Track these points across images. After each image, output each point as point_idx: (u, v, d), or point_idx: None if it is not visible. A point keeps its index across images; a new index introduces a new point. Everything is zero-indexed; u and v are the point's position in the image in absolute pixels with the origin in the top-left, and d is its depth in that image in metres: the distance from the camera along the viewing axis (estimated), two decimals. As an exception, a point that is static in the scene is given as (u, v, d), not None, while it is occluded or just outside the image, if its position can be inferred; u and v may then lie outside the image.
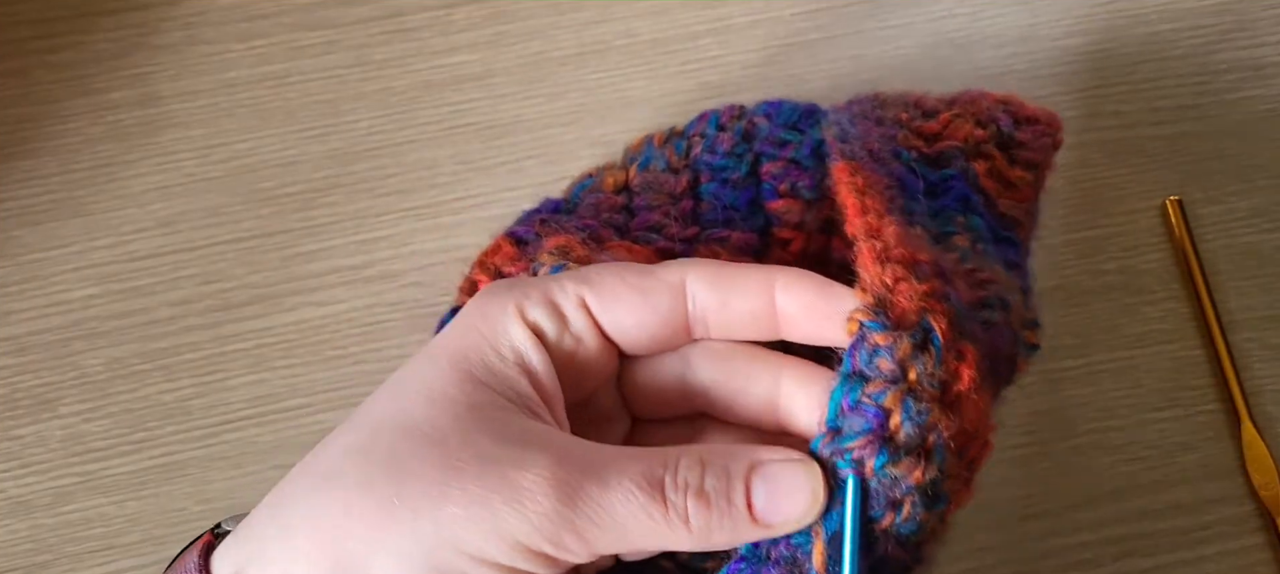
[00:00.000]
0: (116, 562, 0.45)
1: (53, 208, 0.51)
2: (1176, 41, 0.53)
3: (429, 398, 0.34)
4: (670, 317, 0.36)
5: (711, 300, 0.36)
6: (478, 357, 0.35)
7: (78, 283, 0.49)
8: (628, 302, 0.36)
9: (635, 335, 0.36)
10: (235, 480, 0.46)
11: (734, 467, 0.33)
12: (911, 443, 0.33)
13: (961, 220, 0.41)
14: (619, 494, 0.32)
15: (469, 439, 0.33)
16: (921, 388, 0.33)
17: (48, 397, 0.48)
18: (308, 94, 0.53)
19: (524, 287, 0.36)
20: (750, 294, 0.36)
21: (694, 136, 0.47)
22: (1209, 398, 0.47)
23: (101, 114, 0.53)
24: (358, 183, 0.51)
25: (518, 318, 0.35)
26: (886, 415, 0.33)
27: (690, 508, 0.33)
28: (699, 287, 0.36)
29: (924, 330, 0.34)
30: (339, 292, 0.49)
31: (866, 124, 0.42)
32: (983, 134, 0.43)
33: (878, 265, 0.35)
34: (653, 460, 0.33)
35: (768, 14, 0.55)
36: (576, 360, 0.36)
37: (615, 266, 0.37)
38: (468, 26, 0.54)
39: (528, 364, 0.35)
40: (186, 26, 0.55)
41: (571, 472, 0.32)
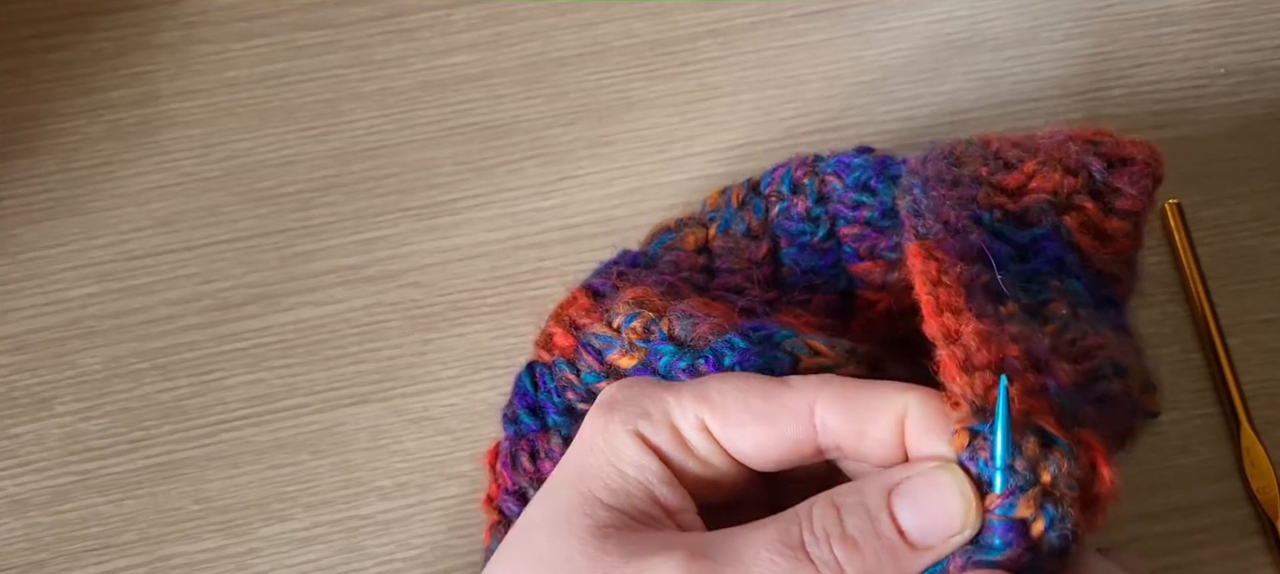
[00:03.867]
0: (113, 561, 0.45)
1: (51, 206, 0.51)
2: (1176, 45, 0.53)
3: (553, 530, 0.33)
4: (797, 444, 0.34)
5: (845, 430, 0.34)
6: (599, 479, 0.34)
7: (76, 281, 0.49)
8: (750, 430, 0.34)
9: (759, 460, 0.35)
10: (233, 480, 0.46)
11: (871, 497, 0.32)
12: (1056, 550, 0.31)
13: (1057, 285, 0.38)
14: (761, 570, 0.31)
15: (599, 561, 0.32)
16: (1058, 487, 0.31)
17: (45, 395, 0.47)
18: (307, 94, 0.53)
19: (642, 404, 0.35)
20: (884, 423, 0.33)
21: (770, 195, 0.46)
22: (1207, 401, 0.47)
23: (100, 113, 0.53)
24: (356, 183, 0.51)
25: (638, 441, 0.34)
26: (1024, 526, 0.31)
27: (840, 557, 0.31)
28: (831, 415, 0.34)
29: (1036, 432, 0.31)
30: (337, 291, 0.49)
31: (941, 189, 0.39)
32: (1074, 183, 0.41)
33: (964, 374, 0.32)
34: (784, 522, 0.32)
35: (768, 14, 0.55)
36: (706, 478, 0.35)
37: (740, 385, 0.35)
38: (467, 27, 0.54)
39: (650, 484, 0.34)
40: (185, 26, 0.55)
41: (704, 563, 0.31)
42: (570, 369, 0.43)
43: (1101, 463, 0.31)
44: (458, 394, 0.47)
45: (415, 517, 0.45)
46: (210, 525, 0.45)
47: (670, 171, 0.51)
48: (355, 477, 0.46)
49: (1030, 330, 0.35)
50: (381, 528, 0.45)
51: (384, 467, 0.46)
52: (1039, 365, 0.33)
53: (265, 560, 0.45)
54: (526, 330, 0.47)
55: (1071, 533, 0.31)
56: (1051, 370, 0.33)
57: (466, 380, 0.47)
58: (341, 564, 0.45)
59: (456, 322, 0.49)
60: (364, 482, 0.46)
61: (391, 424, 0.47)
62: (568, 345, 0.43)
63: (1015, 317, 0.35)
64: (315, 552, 0.45)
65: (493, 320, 0.49)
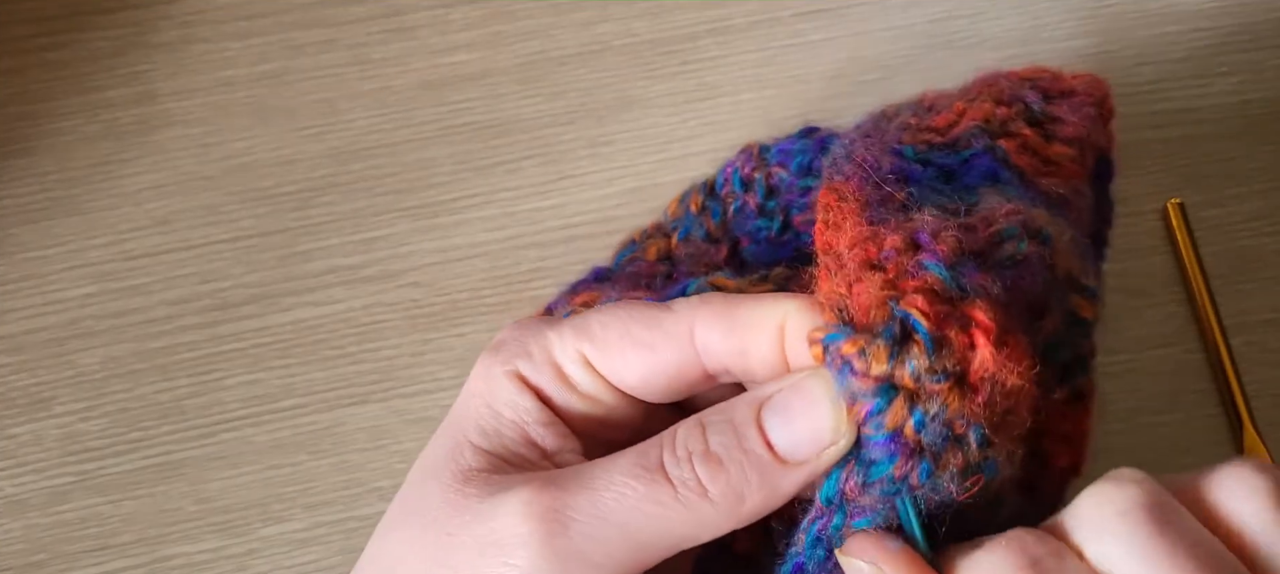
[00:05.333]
0: (111, 561, 0.45)
1: (49, 206, 0.51)
2: (1178, 44, 0.53)
3: (423, 475, 0.33)
4: (682, 370, 0.32)
5: (726, 348, 0.32)
6: (473, 422, 0.33)
7: (74, 281, 0.49)
8: (631, 358, 0.32)
9: (648, 390, 0.33)
10: (231, 480, 0.46)
11: (738, 413, 0.30)
12: (939, 443, 0.29)
13: (988, 191, 0.35)
14: (611, 494, 0.29)
15: (452, 502, 0.31)
16: (922, 385, 0.29)
17: (43, 395, 0.47)
18: (305, 93, 0.53)
19: (524, 344, 0.34)
20: (765, 337, 0.31)
21: (726, 196, 0.46)
22: (1209, 402, 0.47)
23: (98, 112, 0.53)
24: (355, 182, 0.51)
25: (516, 381, 0.33)
26: (899, 435, 0.29)
27: (702, 475, 0.29)
28: (711, 334, 0.32)
29: (899, 321, 0.29)
30: (336, 291, 0.49)
31: (864, 141, 0.38)
32: (1007, 112, 0.38)
33: (830, 279, 0.31)
34: (646, 446, 0.30)
35: (768, 14, 0.54)
36: (595, 415, 0.33)
37: (621, 314, 0.33)
38: (466, 26, 0.54)
39: (525, 425, 0.33)
40: (183, 25, 0.55)
41: (552, 494, 0.30)
42: None
43: (980, 337, 0.29)
44: (457, 394, 0.47)
45: (414, 518, 0.45)
46: (209, 526, 0.45)
47: (670, 171, 0.51)
48: (354, 477, 0.46)
49: (921, 219, 0.32)
50: (381, 529, 0.45)
51: (383, 467, 0.46)
52: (919, 246, 0.30)
53: (264, 561, 0.45)
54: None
55: (954, 424, 0.29)
56: (932, 246, 0.30)
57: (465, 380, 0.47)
58: (341, 565, 0.45)
59: (456, 322, 0.48)
60: (363, 482, 0.46)
61: (391, 425, 0.47)
62: None
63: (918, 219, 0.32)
64: (314, 552, 0.45)
65: (492, 320, 0.48)
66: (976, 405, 0.29)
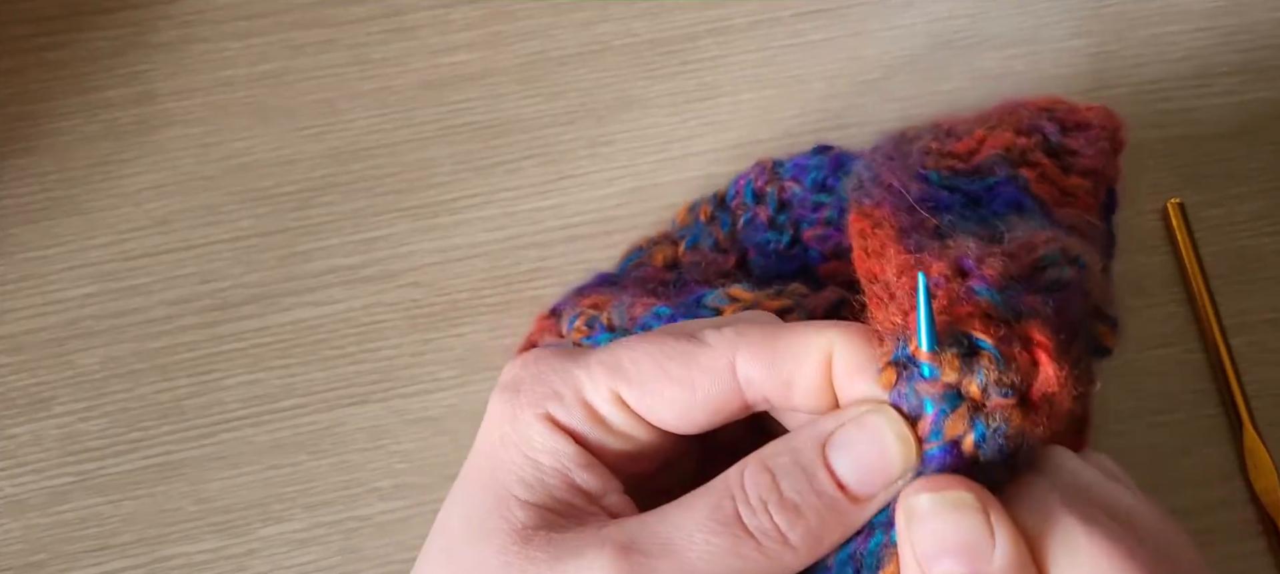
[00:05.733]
0: (111, 562, 0.45)
1: (49, 206, 0.51)
2: (1178, 43, 0.53)
3: (472, 536, 0.31)
4: (722, 404, 0.32)
5: (770, 382, 0.31)
6: (512, 473, 0.32)
7: (73, 281, 0.49)
8: (669, 397, 0.32)
9: (683, 425, 0.32)
10: (231, 480, 0.46)
11: (804, 453, 0.30)
12: (995, 458, 0.29)
13: (1015, 219, 0.35)
14: (696, 554, 0.29)
15: (522, 569, 0.30)
16: (988, 397, 0.29)
17: (43, 396, 0.47)
18: (305, 93, 0.53)
19: (550, 383, 0.33)
20: (810, 368, 0.31)
21: (736, 208, 0.46)
22: (1210, 402, 0.47)
23: (97, 112, 0.53)
24: (355, 182, 0.51)
25: (549, 426, 0.32)
26: (957, 447, 0.29)
27: (781, 524, 0.29)
28: (753, 368, 0.31)
29: (964, 340, 0.29)
30: (336, 291, 0.49)
31: (888, 164, 0.38)
32: (1027, 142, 0.39)
33: (883, 308, 0.31)
34: (714, 495, 0.30)
35: (768, 14, 0.54)
36: (628, 451, 0.33)
37: (652, 350, 0.32)
38: (466, 26, 0.54)
39: (568, 471, 0.32)
40: (183, 25, 0.54)
41: (636, 558, 0.29)
42: None
43: (1043, 356, 0.29)
44: (457, 394, 0.47)
45: (414, 518, 0.45)
46: (209, 526, 0.45)
47: (670, 171, 0.51)
48: (354, 477, 0.46)
49: (962, 245, 0.32)
50: (380, 529, 0.45)
51: (383, 467, 0.46)
52: (965, 272, 0.31)
53: (264, 561, 0.45)
54: (525, 330, 0.47)
55: (1011, 440, 0.29)
56: (979, 271, 0.31)
57: (465, 381, 0.47)
58: (340, 565, 0.45)
59: (455, 321, 0.48)
60: (363, 482, 0.46)
61: (390, 425, 0.47)
62: None
63: (958, 244, 0.32)
64: (314, 552, 0.45)
65: (492, 320, 0.48)
66: (1037, 422, 0.29)
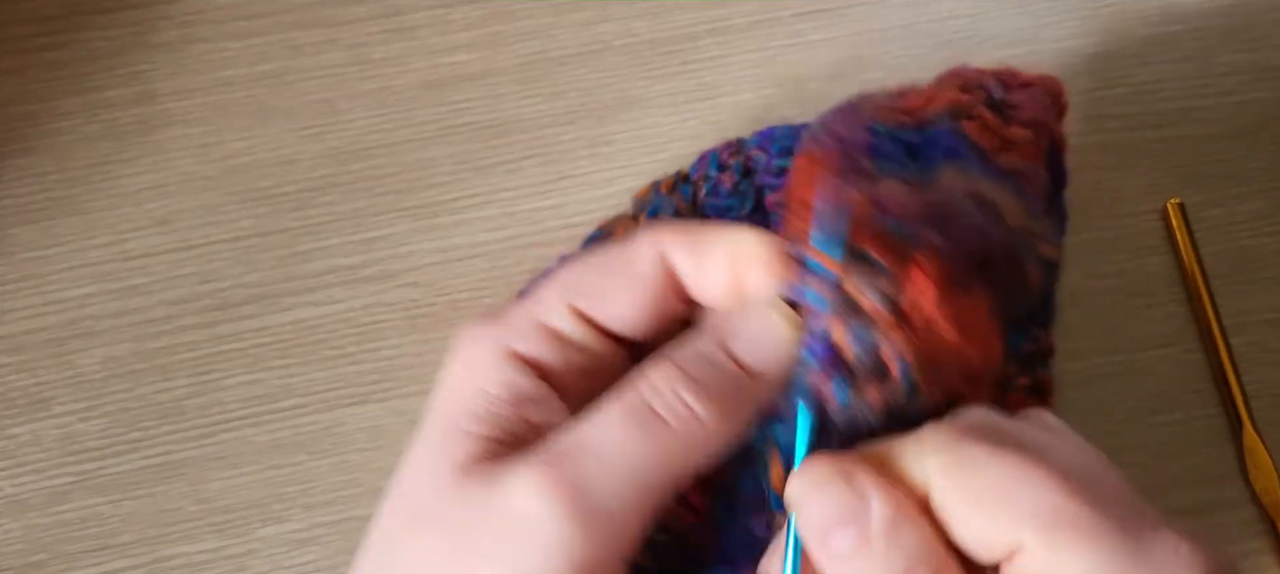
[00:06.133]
0: (111, 562, 0.45)
1: (48, 206, 0.51)
2: (1178, 43, 0.53)
3: (417, 470, 0.33)
4: (662, 294, 0.34)
5: (687, 265, 0.34)
6: (462, 407, 0.33)
7: (73, 281, 0.49)
8: (616, 293, 0.34)
9: (635, 325, 0.34)
10: (231, 481, 0.46)
11: (703, 343, 0.32)
12: (865, 365, 0.32)
13: (949, 167, 0.39)
14: (611, 447, 0.30)
15: (452, 498, 0.31)
16: (864, 299, 0.32)
17: (43, 396, 0.47)
18: (305, 93, 0.53)
19: (507, 320, 0.34)
20: (720, 255, 0.34)
21: (698, 180, 0.46)
22: (1209, 402, 0.47)
23: (97, 112, 0.53)
24: (355, 182, 0.51)
25: (506, 358, 0.33)
26: (829, 341, 0.32)
27: (690, 401, 0.31)
28: (676, 253, 0.34)
29: (857, 254, 0.32)
30: (336, 291, 0.49)
31: (839, 116, 0.41)
32: (970, 98, 0.41)
33: (799, 219, 0.34)
34: (621, 393, 0.31)
35: (768, 14, 0.54)
36: (585, 368, 0.34)
37: (591, 259, 0.35)
38: (466, 25, 0.54)
39: (519, 403, 0.33)
40: (183, 25, 0.54)
41: (558, 466, 0.30)
42: None
43: (916, 271, 0.32)
44: (457, 395, 0.47)
45: (414, 518, 0.45)
46: (209, 526, 0.45)
47: (670, 171, 0.51)
48: (354, 478, 0.46)
49: (884, 184, 0.36)
50: (380, 529, 0.45)
51: (383, 468, 0.46)
52: (879, 205, 0.34)
53: (264, 561, 0.45)
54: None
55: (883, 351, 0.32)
56: (886, 204, 0.34)
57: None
58: (340, 565, 0.45)
59: (456, 321, 0.48)
60: (363, 483, 0.46)
61: (391, 425, 0.47)
62: None
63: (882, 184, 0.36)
64: (313, 553, 0.45)
65: (492, 320, 0.48)
66: (904, 336, 0.32)
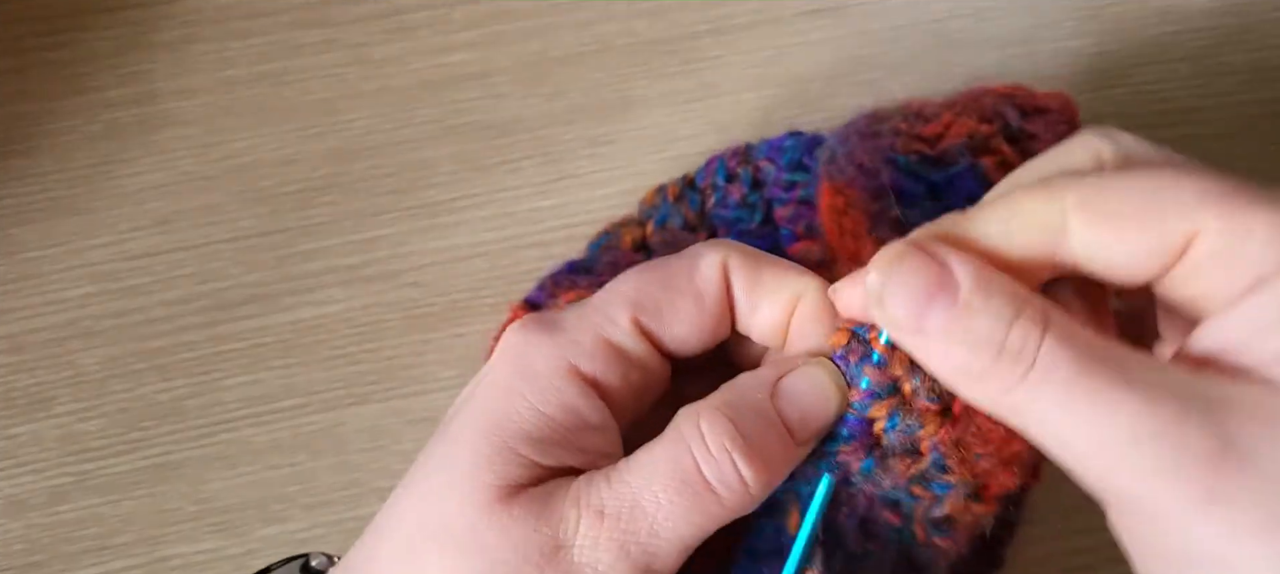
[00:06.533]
0: (111, 562, 0.45)
1: (49, 206, 0.51)
2: (1179, 44, 0.53)
3: (456, 484, 0.31)
4: (723, 313, 0.33)
5: (742, 301, 0.33)
6: (518, 427, 0.31)
7: (74, 281, 0.49)
8: (681, 310, 0.33)
9: (693, 339, 0.34)
10: (231, 481, 0.46)
11: (757, 399, 0.31)
12: (897, 449, 0.32)
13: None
14: (664, 515, 0.30)
15: (506, 529, 0.30)
16: (916, 399, 0.32)
17: (43, 396, 0.47)
18: (305, 92, 0.53)
19: (570, 331, 0.33)
20: (780, 302, 0.33)
21: (706, 187, 0.46)
22: (1209, 402, 0.46)
23: (98, 112, 0.53)
24: (355, 182, 0.51)
25: (569, 377, 0.32)
26: (870, 424, 0.32)
27: (743, 473, 0.30)
28: (737, 279, 0.33)
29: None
30: (336, 291, 0.49)
31: (859, 141, 0.40)
32: (989, 129, 0.41)
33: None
34: (673, 449, 0.30)
35: (768, 14, 0.54)
36: (640, 385, 0.33)
37: (655, 273, 0.34)
38: (466, 25, 0.54)
39: (580, 429, 0.32)
40: (184, 24, 0.55)
41: (613, 525, 0.30)
42: None
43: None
44: (457, 394, 0.47)
45: (414, 518, 0.45)
46: (208, 526, 0.45)
47: (670, 171, 0.51)
48: (354, 478, 0.46)
49: None
50: (380, 529, 0.45)
51: (383, 468, 0.46)
52: None
53: (263, 561, 0.45)
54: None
55: (922, 441, 0.32)
56: None
57: (465, 381, 0.46)
58: (340, 565, 0.45)
59: (455, 321, 0.48)
60: (362, 483, 0.46)
61: (390, 425, 0.47)
62: None
63: None
64: (313, 553, 0.45)
65: (492, 320, 0.48)
66: (947, 433, 0.32)
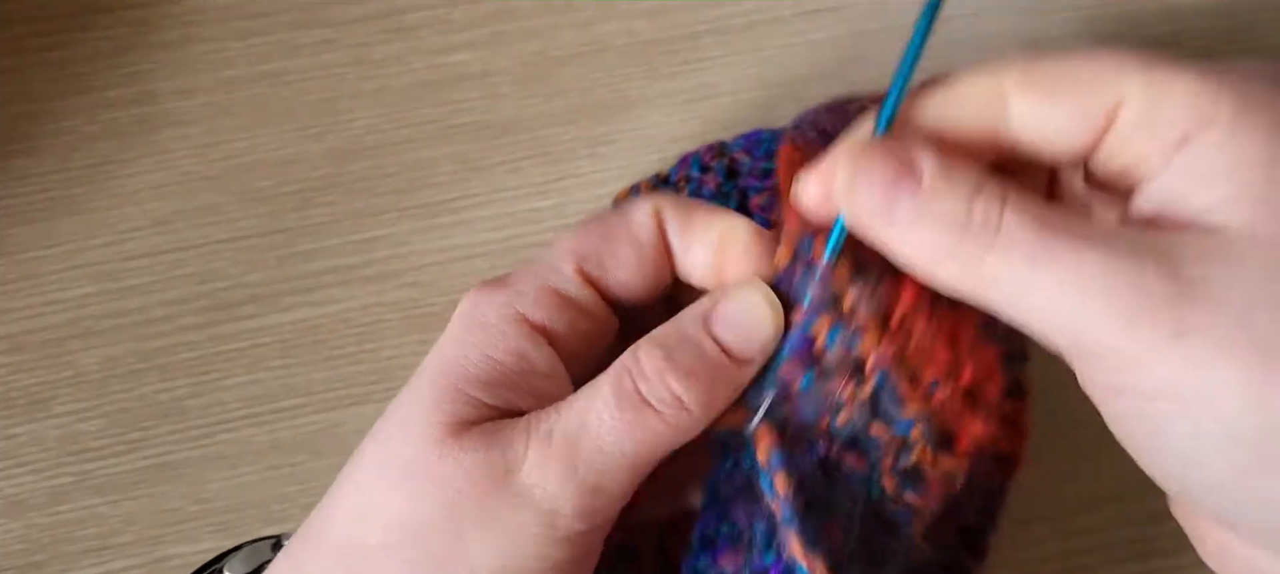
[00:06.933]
0: (111, 562, 0.45)
1: (49, 206, 0.51)
2: (1179, 43, 0.53)
3: (409, 428, 0.32)
4: (660, 260, 0.35)
5: (677, 242, 0.35)
6: (469, 373, 0.33)
7: (73, 281, 0.49)
8: (622, 256, 0.35)
9: (636, 284, 0.35)
10: (231, 481, 0.46)
11: (690, 328, 0.33)
12: (839, 366, 0.33)
13: None
14: (608, 432, 0.31)
15: (453, 456, 0.32)
16: (856, 314, 0.32)
17: (43, 396, 0.47)
18: (305, 92, 0.53)
19: (516, 284, 0.34)
20: (709, 238, 0.35)
21: (679, 181, 0.46)
22: (1210, 401, 0.47)
23: (98, 112, 0.53)
24: (355, 182, 0.51)
25: (517, 324, 0.34)
26: (812, 341, 0.33)
27: (678, 390, 0.32)
28: (669, 225, 0.35)
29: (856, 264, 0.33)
30: (336, 291, 0.49)
31: (825, 112, 0.41)
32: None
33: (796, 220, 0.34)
34: (614, 377, 0.32)
35: (768, 14, 0.54)
36: (587, 334, 0.35)
37: (594, 225, 0.35)
38: (466, 25, 0.54)
39: (531, 366, 0.33)
40: (184, 24, 0.55)
41: (560, 449, 0.31)
42: None
43: (907, 290, 0.33)
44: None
45: (414, 518, 0.45)
46: (208, 526, 0.45)
47: (670, 171, 0.51)
48: (354, 477, 0.46)
49: None
50: (380, 529, 0.45)
51: (383, 467, 0.46)
52: None
53: (263, 562, 0.45)
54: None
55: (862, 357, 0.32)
56: None
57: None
58: (340, 565, 0.45)
59: (456, 322, 0.48)
60: (363, 482, 0.46)
61: (390, 425, 0.47)
62: None
63: None
64: (314, 553, 0.45)
65: (492, 320, 0.48)
66: (887, 348, 0.32)
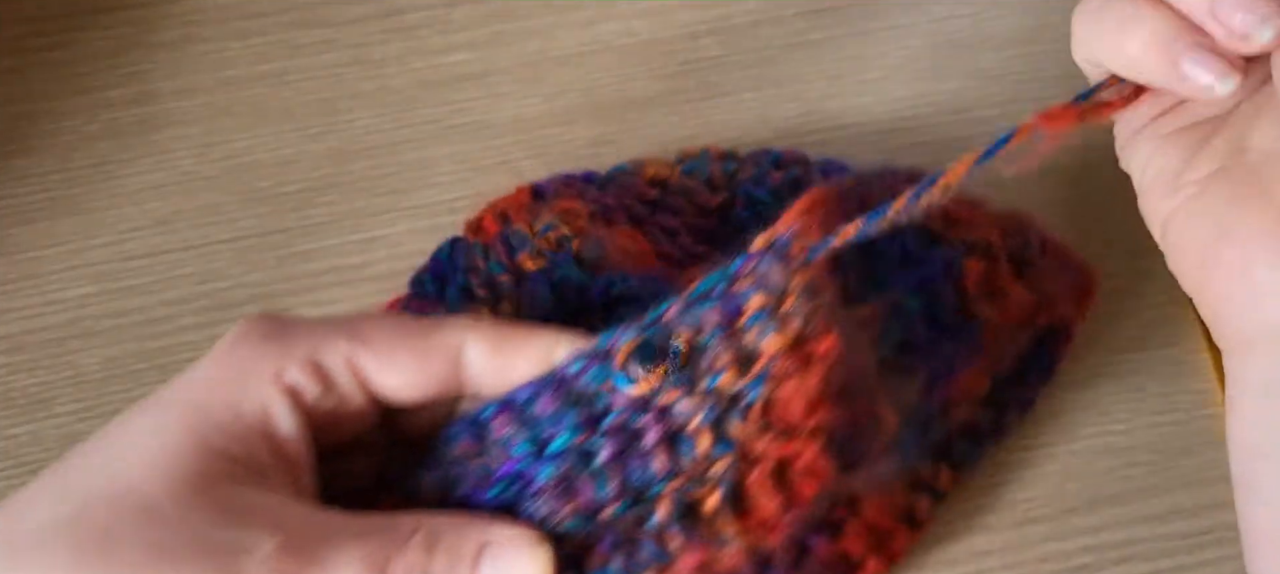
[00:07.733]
0: (111, 562, 0.45)
1: (48, 206, 0.51)
2: (1179, 43, 0.53)
3: (151, 463, 0.31)
4: (443, 379, 0.35)
5: (489, 368, 0.35)
6: (214, 417, 0.32)
7: (73, 282, 0.49)
8: (402, 365, 0.34)
9: (405, 396, 0.35)
10: (231, 481, 0.46)
11: (463, 548, 0.32)
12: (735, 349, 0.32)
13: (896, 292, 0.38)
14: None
15: (188, 519, 0.31)
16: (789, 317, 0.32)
17: (43, 396, 0.47)
18: (305, 92, 0.53)
19: (288, 341, 0.34)
20: (532, 365, 0.34)
21: (746, 162, 0.46)
22: (1210, 402, 0.47)
23: (98, 112, 0.53)
24: (355, 182, 0.51)
25: (272, 381, 0.33)
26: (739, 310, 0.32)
27: None
28: (478, 354, 0.35)
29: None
30: (336, 291, 0.49)
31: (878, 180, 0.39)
32: (1000, 241, 0.41)
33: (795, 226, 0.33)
34: (379, 542, 0.32)
35: (768, 14, 0.54)
36: (336, 417, 0.34)
37: (395, 321, 0.36)
38: (466, 25, 0.54)
39: (274, 431, 0.33)
40: (184, 24, 0.55)
41: (297, 560, 0.31)
42: (482, 254, 0.43)
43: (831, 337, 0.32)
44: (457, 395, 0.47)
45: (414, 518, 0.45)
46: (208, 527, 0.45)
47: (670, 171, 0.51)
48: (354, 478, 0.46)
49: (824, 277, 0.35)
50: (380, 529, 0.45)
51: (383, 468, 0.46)
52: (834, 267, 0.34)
53: (264, 562, 0.45)
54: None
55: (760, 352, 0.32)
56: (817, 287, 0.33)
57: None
58: (340, 566, 0.45)
59: (456, 322, 0.48)
60: (363, 483, 0.46)
61: (390, 425, 0.47)
62: (491, 232, 0.44)
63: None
64: (314, 553, 0.45)
65: (492, 320, 0.48)
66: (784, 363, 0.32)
